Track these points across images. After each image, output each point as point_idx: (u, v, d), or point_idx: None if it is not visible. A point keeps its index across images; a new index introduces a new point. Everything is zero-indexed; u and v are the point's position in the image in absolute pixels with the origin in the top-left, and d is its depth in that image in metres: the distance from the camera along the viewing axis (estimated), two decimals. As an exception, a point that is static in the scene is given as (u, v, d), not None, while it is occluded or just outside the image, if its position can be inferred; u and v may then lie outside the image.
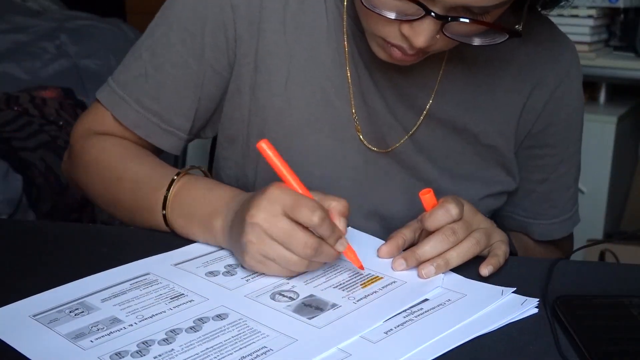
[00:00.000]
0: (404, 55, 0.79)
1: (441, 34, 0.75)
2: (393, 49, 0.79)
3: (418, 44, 0.74)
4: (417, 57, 0.80)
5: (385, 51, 0.81)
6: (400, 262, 0.76)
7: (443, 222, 0.77)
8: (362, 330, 0.64)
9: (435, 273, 0.75)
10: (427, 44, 0.75)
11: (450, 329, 0.65)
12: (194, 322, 0.65)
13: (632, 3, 2.26)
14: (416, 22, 0.74)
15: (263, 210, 0.71)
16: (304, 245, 0.70)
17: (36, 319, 0.66)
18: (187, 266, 0.77)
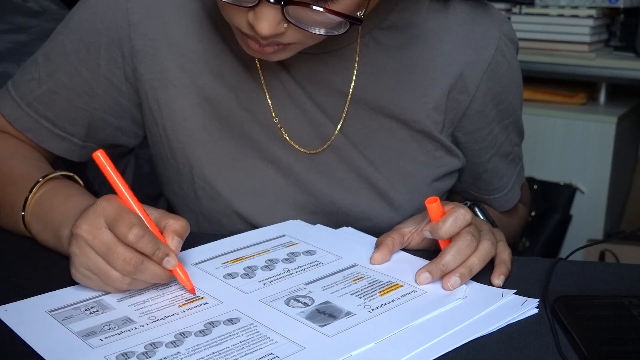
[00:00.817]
0: (260, 47, 0.76)
1: (287, 22, 0.72)
2: (249, 40, 0.76)
3: (262, 31, 0.71)
4: (275, 50, 0.77)
5: (244, 43, 0.78)
6: (426, 276, 0.74)
7: (457, 229, 0.76)
8: (372, 341, 0.63)
9: (460, 283, 0.73)
10: (271, 31, 0.71)
11: (451, 330, 0.65)
12: (204, 326, 0.65)
13: (632, 3, 2.26)
14: (257, 9, 0.71)
15: (87, 222, 0.68)
16: (123, 261, 0.67)
17: (52, 314, 0.67)
18: (206, 266, 0.77)
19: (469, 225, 0.76)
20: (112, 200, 0.70)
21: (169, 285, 0.73)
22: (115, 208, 0.69)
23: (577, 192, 2.19)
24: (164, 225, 0.72)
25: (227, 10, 0.75)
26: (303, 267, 0.78)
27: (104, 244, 0.68)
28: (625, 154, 2.37)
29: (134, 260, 0.67)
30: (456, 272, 0.73)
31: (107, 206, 0.69)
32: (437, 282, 0.74)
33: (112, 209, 0.69)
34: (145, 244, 0.68)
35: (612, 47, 2.36)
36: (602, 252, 2.04)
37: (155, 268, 0.69)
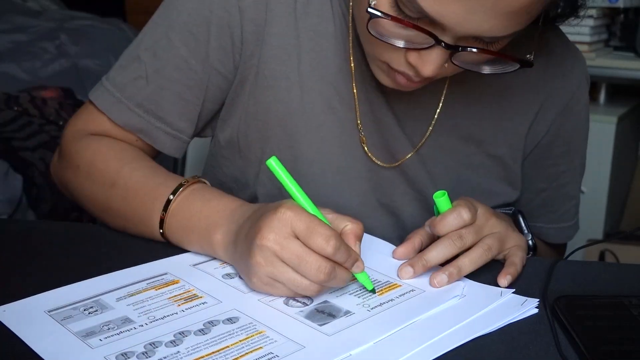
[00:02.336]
0: (409, 82, 0.76)
1: (449, 63, 0.73)
2: (398, 75, 0.76)
3: (426, 73, 0.72)
4: (422, 84, 0.78)
5: (388, 77, 0.78)
6: (407, 270, 0.75)
7: (454, 227, 0.75)
8: (372, 339, 0.63)
9: (447, 282, 0.73)
10: (435, 73, 0.73)
11: (451, 329, 0.65)
12: (203, 325, 0.65)
13: (632, 3, 2.26)
14: (424, 51, 0.71)
15: (274, 232, 0.67)
16: (317, 270, 0.66)
17: (51, 314, 0.66)
18: (205, 267, 0.77)
19: (470, 225, 0.76)
20: (296, 209, 0.68)
21: (167, 285, 0.73)
22: (304, 219, 0.67)
23: (577, 192, 2.19)
24: (342, 228, 0.71)
25: (382, 49, 0.75)
26: None
27: (295, 254, 0.66)
28: (625, 154, 2.37)
29: (328, 269, 0.66)
30: (445, 271, 0.73)
31: (294, 216, 0.67)
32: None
33: (300, 220, 0.67)
34: (341, 254, 0.67)
35: (612, 47, 2.36)
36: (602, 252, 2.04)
37: (344, 274, 0.69)
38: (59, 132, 1.97)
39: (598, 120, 2.19)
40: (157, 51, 0.88)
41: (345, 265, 0.68)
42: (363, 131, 0.90)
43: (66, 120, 2.00)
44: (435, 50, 0.71)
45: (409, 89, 0.79)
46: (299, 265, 0.67)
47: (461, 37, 0.70)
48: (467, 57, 0.73)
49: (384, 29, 0.72)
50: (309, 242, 0.66)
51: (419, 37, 0.70)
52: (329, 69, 0.89)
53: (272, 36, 0.87)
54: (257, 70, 0.88)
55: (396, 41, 0.72)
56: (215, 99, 0.91)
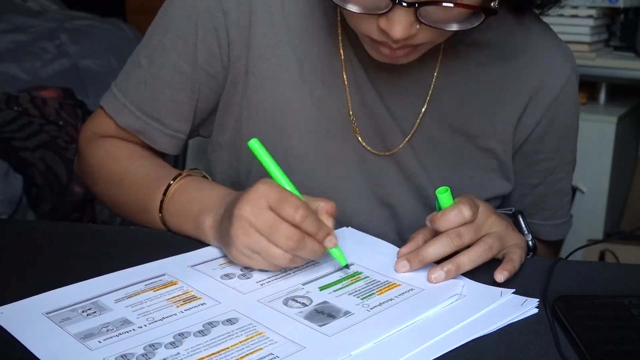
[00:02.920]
0: (392, 51, 0.78)
1: (419, 23, 0.73)
2: (380, 46, 0.78)
3: (396, 35, 0.73)
4: (407, 52, 0.79)
5: (374, 50, 0.80)
6: (404, 264, 0.76)
7: (455, 224, 0.75)
8: (372, 339, 0.63)
9: (445, 278, 0.74)
10: (405, 34, 0.73)
11: (451, 329, 0.65)
12: (203, 326, 0.65)
13: (632, 3, 2.26)
14: (390, 14, 0.73)
15: (249, 204, 0.72)
16: (287, 238, 0.71)
17: (49, 316, 0.66)
18: (203, 268, 0.77)
19: (470, 223, 0.76)
20: (271, 183, 0.74)
21: (165, 286, 0.73)
22: (277, 191, 0.73)
23: (577, 192, 2.19)
24: (316, 207, 0.75)
25: (357, 19, 0.77)
26: (300, 267, 0.77)
27: (267, 223, 0.71)
28: (625, 154, 2.37)
29: (297, 236, 0.71)
30: (443, 267, 0.74)
31: (268, 189, 0.73)
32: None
33: (274, 191, 0.73)
34: (310, 223, 0.72)
35: (612, 47, 2.36)
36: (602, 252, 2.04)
37: (313, 244, 0.73)
38: (59, 132, 1.97)
39: (598, 120, 2.19)
40: (153, 57, 0.93)
41: (317, 237, 0.73)
42: (355, 121, 0.91)
43: (66, 120, 2.01)
44: (398, 11, 0.72)
45: (398, 59, 0.80)
46: (271, 234, 0.71)
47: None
48: (433, 14, 0.73)
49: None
50: (280, 211, 0.71)
51: (379, 1, 0.72)
52: (318, 64, 0.90)
53: (258, 36, 0.90)
54: (246, 70, 0.91)
55: (355, 7, 0.74)
56: (208, 99, 0.95)
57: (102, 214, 1.97)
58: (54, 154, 1.88)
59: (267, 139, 0.90)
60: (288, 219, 0.71)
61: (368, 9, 0.74)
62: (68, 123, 2.01)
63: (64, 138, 1.96)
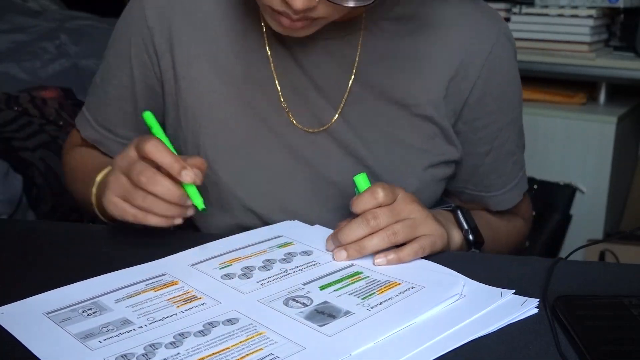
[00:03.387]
0: (292, 22, 0.79)
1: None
2: (280, 17, 0.80)
3: (297, 5, 0.75)
4: (305, 24, 0.81)
5: (274, 20, 0.82)
6: (330, 243, 0.81)
7: (369, 206, 0.79)
8: (372, 338, 0.63)
9: (347, 257, 0.78)
10: (304, 5, 0.75)
11: (451, 329, 0.65)
12: (203, 326, 0.65)
13: (632, 3, 2.26)
14: None
15: (122, 152, 0.80)
16: (139, 173, 0.76)
17: (49, 316, 0.66)
18: (203, 267, 0.77)
19: (386, 206, 0.79)
20: (145, 135, 0.79)
21: (166, 286, 0.73)
22: (145, 138, 0.77)
23: (577, 192, 2.19)
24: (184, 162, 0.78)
25: None
26: (300, 267, 0.78)
27: (128, 161, 0.77)
28: (625, 154, 2.37)
29: (148, 171, 0.76)
30: (347, 247, 0.79)
31: (139, 138, 0.78)
32: (436, 278, 0.75)
33: (142, 138, 0.78)
34: (162, 155, 0.76)
35: (612, 47, 2.36)
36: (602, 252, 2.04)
37: (164, 181, 0.76)
38: (59, 132, 1.97)
39: (598, 120, 2.19)
40: (103, 73, 1.03)
41: (171, 171, 0.76)
42: (287, 106, 0.94)
43: (66, 120, 2.01)
44: None
45: (298, 31, 0.82)
46: (128, 170, 0.77)
47: None
48: None
49: None
50: (138, 148, 0.78)
51: None
52: (245, 58, 0.94)
53: (181, 44, 0.95)
54: (175, 78, 0.96)
55: None
56: (152, 108, 0.98)
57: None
58: (54, 154, 1.88)
59: (208, 136, 0.96)
60: (141, 151, 0.76)
61: None
62: (68, 123, 2.01)
63: (64, 138, 1.95)
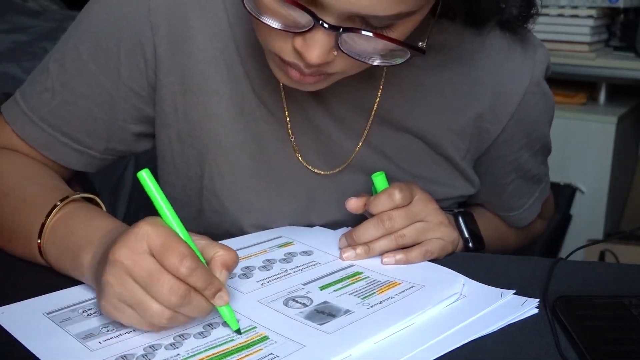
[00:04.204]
0: (301, 76, 0.70)
1: (338, 51, 0.66)
2: (289, 68, 0.70)
3: (311, 59, 0.65)
4: (316, 79, 0.71)
5: (282, 71, 0.72)
6: (342, 241, 0.80)
7: (385, 207, 0.78)
8: (372, 336, 0.63)
9: (355, 258, 0.78)
10: (320, 59, 0.66)
11: (451, 329, 0.65)
12: (203, 327, 0.65)
13: (632, 3, 2.26)
14: (308, 35, 0.65)
15: (127, 247, 0.61)
16: (169, 291, 0.60)
17: (49, 317, 0.66)
18: None
19: (402, 208, 0.78)
20: (157, 224, 0.62)
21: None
22: (161, 234, 0.61)
23: (577, 192, 2.19)
24: (212, 255, 0.65)
25: (268, 34, 0.69)
26: (300, 267, 0.77)
27: (147, 271, 0.60)
28: (625, 154, 2.37)
29: (181, 290, 0.60)
30: (355, 247, 0.78)
31: (152, 231, 0.61)
32: (436, 277, 0.75)
33: (158, 235, 0.61)
34: (198, 277, 0.61)
35: (612, 47, 2.36)
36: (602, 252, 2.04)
37: (201, 301, 0.62)
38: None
39: (598, 120, 2.19)
40: (65, 63, 0.84)
41: (204, 294, 0.62)
42: (296, 141, 0.87)
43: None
44: (318, 32, 0.64)
45: (306, 85, 0.73)
46: (150, 285, 0.60)
47: (345, 18, 0.64)
48: (355, 44, 0.66)
49: (263, 6, 0.66)
50: (162, 260, 0.60)
51: (300, 17, 0.64)
52: (256, 79, 0.85)
53: (196, 52, 0.83)
54: (184, 88, 0.85)
55: (274, 22, 0.66)
56: (130, 117, 0.87)
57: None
58: (54, 154, 1.88)
59: (211, 156, 0.87)
60: (171, 269, 0.60)
61: (286, 25, 0.65)
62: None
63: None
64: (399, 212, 0.78)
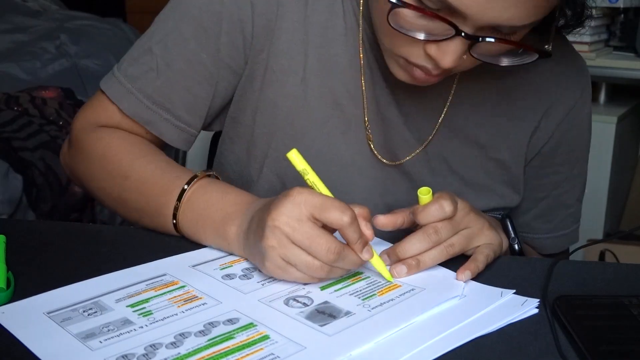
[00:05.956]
0: (428, 76, 0.77)
1: (468, 54, 0.73)
2: (415, 69, 0.77)
3: (445, 64, 0.72)
4: (439, 78, 0.78)
5: (406, 71, 0.78)
6: (384, 259, 0.77)
7: (435, 219, 0.76)
8: (373, 338, 0.63)
9: (407, 273, 0.75)
10: (454, 64, 0.73)
11: (451, 329, 0.65)
12: (204, 326, 0.65)
13: (632, 3, 2.26)
14: (444, 42, 0.72)
15: (285, 214, 0.69)
16: (327, 250, 0.68)
17: (50, 316, 0.66)
18: (204, 268, 0.77)
19: (448, 220, 0.76)
20: (310, 191, 0.70)
21: (166, 286, 0.73)
22: (318, 196, 0.69)
23: (577, 192, 2.19)
24: None
25: (396, 40, 0.75)
26: None
27: (306, 235, 0.68)
28: (625, 154, 2.37)
29: (337, 248, 0.68)
30: (405, 262, 0.75)
31: (308, 197, 0.69)
32: (436, 280, 0.75)
33: (316, 199, 0.69)
34: (354, 229, 0.69)
35: (612, 47, 2.36)
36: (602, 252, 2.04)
37: (353, 256, 0.70)
38: (59, 132, 1.97)
39: (598, 120, 2.17)
40: (168, 44, 0.88)
41: (355, 247, 0.70)
42: (370, 128, 0.90)
43: (66, 121, 2.01)
44: (455, 40, 0.71)
45: (426, 83, 0.79)
46: (310, 247, 0.68)
47: (480, 27, 0.71)
48: (486, 48, 0.73)
49: (405, 21, 0.72)
50: (326, 216, 0.68)
51: (439, 28, 0.71)
52: (337, 65, 0.89)
53: (282, 31, 0.87)
54: (266, 65, 0.88)
55: (417, 33, 0.73)
56: (225, 94, 0.91)
57: (102, 214, 1.98)
58: (54, 154, 1.88)
59: (280, 136, 0.90)
60: (336, 222, 0.68)
61: (425, 35, 0.72)
62: (68, 123, 2.02)
63: (63, 138, 1.96)
64: (444, 224, 0.76)
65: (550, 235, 1.01)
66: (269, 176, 0.92)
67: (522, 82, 0.91)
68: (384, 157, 0.91)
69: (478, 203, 0.91)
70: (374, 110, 0.90)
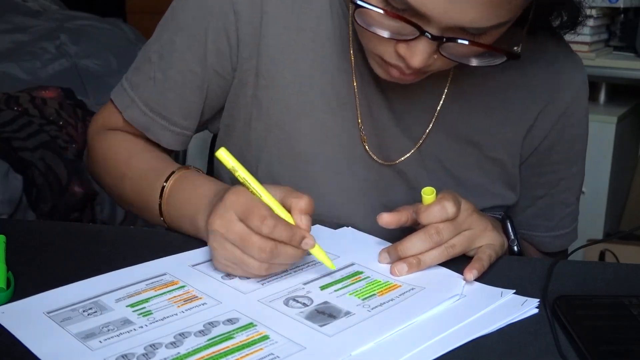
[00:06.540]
0: (402, 75, 0.78)
1: (438, 54, 0.74)
2: (391, 68, 0.78)
3: (414, 64, 0.74)
4: (416, 77, 0.79)
5: (384, 70, 0.80)
6: (385, 256, 0.78)
7: (437, 220, 0.76)
8: (372, 339, 0.63)
9: (407, 272, 0.75)
10: (423, 64, 0.74)
11: (451, 329, 0.65)
12: (203, 326, 0.65)
13: (632, 3, 2.26)
14: (412, 42, 0.73)
15: (219, 217, 0.71)
16: (259, 250, 0.70)
17: (50, 316, 0.66)
18: (204, 268, 0.77)
19: (450, 221, 0.77)
20: (240, 193, 0.72)
21: (166, 286, 0.73)
22: (243, 202, 0.71)
23: (577, 192, 2.19)
24: (289, 204, 0.73)
25: (372, 40, 0.77)
26: (301, 267, 0.77)
27: (238, 235, 0.70)
28: (625, 154, 2.37)
29: (269, 247, 0.70)
30: (406, 260, 0.76)
31: (236, 200, 0.71)
32: (436, 279, 0.75)
33: (240, 202, 0.71)
34: (280, 232, 0.70)
35: (612, 47, 2.36)
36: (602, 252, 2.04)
37: (289, 250, 0.71)
38: (59, 132, 1.98)
39: (598, 120, 2.19)
40: (163, 53, 0.92)
41: (291, 244, 0.71)
42: (363, 130, 0.91)
43: (66, 120, 2.01)
44: (422, 41, 0.72)
45: (405, 81, 0.80)
46: (244, 246, 0.70)
47: (447, 28, 0.71)
48: (455, 49, 0.74)
49: (372, 19, 0.74)
50: (248, 223, 0.70)
51: (405, 28, 0.72)
52: (328, 68, 0.90)
53: (269, 37, 0.89)
54: (256, 71, 0.90)
55: (383, 32, 0.74)
56: (216, 97, 0.94)
57: (102, 214, 1.97)
58: (54, 154, 1.88)
59: (273, 140, 0.91)
60: (256, 231, 0.70)
61: (392, 34, 0.74)
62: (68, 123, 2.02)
63: (64, 138, 1.96)
64: (446, 225, 0.76)
65: (550, 234, 1.02)
66: (264, 180, 0.92)
67: (517, 81, 0.92)
68: (379, 158, 0.92)
69: (473, 202, 0.91)
70: (367, 111, 0.91)
